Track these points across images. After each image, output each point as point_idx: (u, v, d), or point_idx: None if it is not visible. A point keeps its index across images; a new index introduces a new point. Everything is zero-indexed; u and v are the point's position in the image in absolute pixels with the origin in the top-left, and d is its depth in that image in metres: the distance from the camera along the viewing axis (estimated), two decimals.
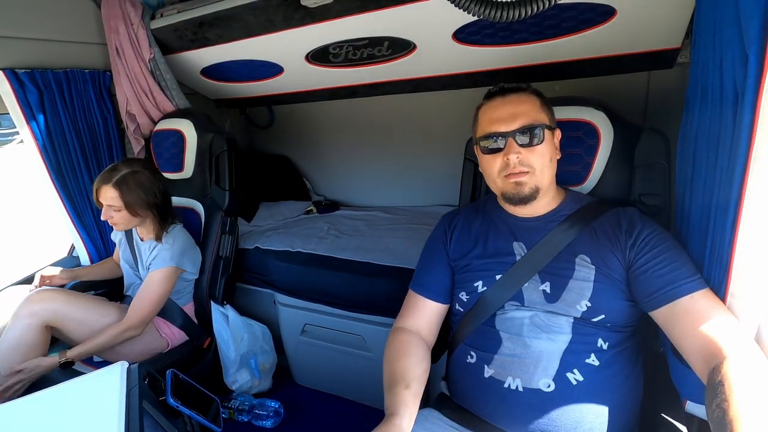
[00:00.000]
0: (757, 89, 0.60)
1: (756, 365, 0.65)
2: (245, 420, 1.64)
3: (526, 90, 0.93)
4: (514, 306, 0.90)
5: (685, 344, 0.74)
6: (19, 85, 1.40)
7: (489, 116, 0.92)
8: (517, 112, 0.88)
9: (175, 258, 1.41)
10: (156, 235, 1.43)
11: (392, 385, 0.85)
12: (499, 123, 0.89)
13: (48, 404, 0.76)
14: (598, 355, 0.83)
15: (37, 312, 1.26)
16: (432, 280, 1.02)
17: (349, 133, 2.39)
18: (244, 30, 1.47)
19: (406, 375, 0.87)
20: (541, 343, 0.84)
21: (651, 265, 0.81)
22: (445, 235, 1.06)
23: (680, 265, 0.79)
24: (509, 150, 0.87)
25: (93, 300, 1.38)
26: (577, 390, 0.81)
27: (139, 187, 1.34)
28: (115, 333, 1.32)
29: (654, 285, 0.79)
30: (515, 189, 0.90)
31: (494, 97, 0.93)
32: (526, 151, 0.87)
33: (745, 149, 0.64)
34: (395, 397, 0.82)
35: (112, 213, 1.34)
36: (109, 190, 1.32)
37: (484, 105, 0.95)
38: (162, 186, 1.42)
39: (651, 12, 1.14)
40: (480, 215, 1.04)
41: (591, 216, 0.91)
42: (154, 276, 1.39)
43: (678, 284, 0.77)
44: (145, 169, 1.38)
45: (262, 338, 1.72)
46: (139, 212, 1.36)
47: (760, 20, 0.59)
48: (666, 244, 0.83)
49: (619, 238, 0.86)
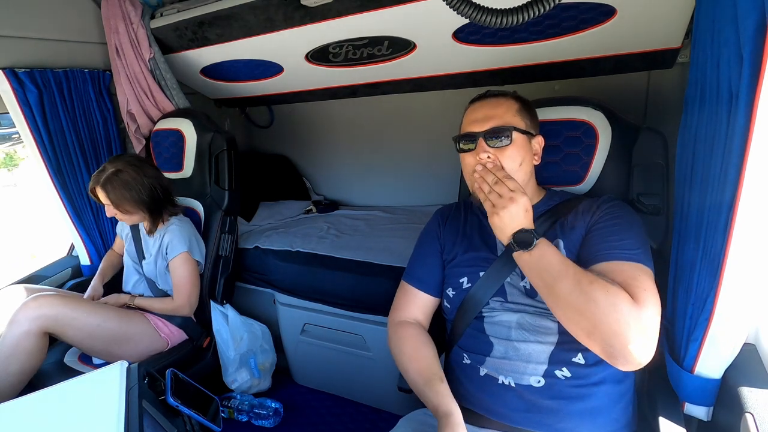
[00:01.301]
0: (752, 90, 0.60)
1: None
2: (245, 419, 1.64)
3: (507, 95, 0.97)
4: (499, 303, 0.92)
5: None
6: (18, 84, 1.40)
7: (467, 118, 0.97)
8: (491, 115, 0.93)
9: (184, 243, 1.46)
10: (148, 229, 1.47)
11: (427, 381, 0.88)
12: (474, 124, 0.93)
13: (48, 404, 0.76)
14: (584, 354, 0.85)
15: (35, 318, 1.22)
16: (425, 273, 1.05)
17: (349, 133, 2.39)
18: (244, 29, 1.47)
19: (435, 368, 0.91)
20: (530, 345, 0.87)
21: (593, 234, 0.86)
22: (439, 228, 1.08)
23: (619, 238, 0.82)
24: (479, 149, 0.91)
25: (92, 305, 1.35)
26: (566, 384, 0.84)
27: (124, 186, 1.36)
28: (167, 308, 1.46)
29: (587, 250, 0.84)
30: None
31: (475, 101, 0.99)
32: (496, 152, 0.90)
33: (739, 151, 0.64)
34: (439, 395, 0.85)
35: (112, 210, 1.39)
36: (98, 190, 1.37)
37: (467, 108, 1.00)
38: (151, 181, 1.42)
39: (651, 11, 1.14)
40: (469, 211, 1.08)
41: (564, 210, 0.95)
42: (175, 262, 1.45)
43: (613, 251, 0.80)
44: (129, 166, 1.38)
45: (261, 337, 1.72)
46: (129, 209, 1.39)
47: (756, 20, 0.59)
48: (620, 220, 0.86)
49: (585, 218, 0.90)
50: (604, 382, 0.84)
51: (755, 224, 0.65)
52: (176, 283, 1.46)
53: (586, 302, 0.72)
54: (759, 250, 0.67)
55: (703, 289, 0.77)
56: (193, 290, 1.49)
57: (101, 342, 1.32)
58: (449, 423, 0.79)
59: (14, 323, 1.22)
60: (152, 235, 1.49)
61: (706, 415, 0.83)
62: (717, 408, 0.82)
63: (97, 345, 1.32)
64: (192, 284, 1.48)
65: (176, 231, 1.46)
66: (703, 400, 0.82)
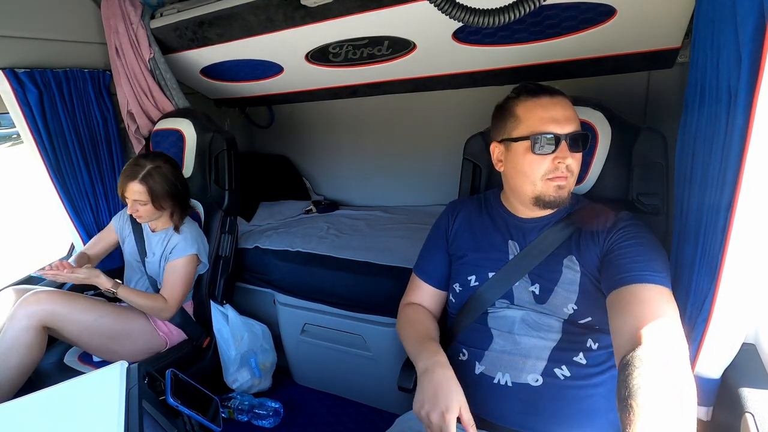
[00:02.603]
0: (750, 90, 0.60)
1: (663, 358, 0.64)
2: (245, 419, 1.64)
3: (564, 94, 0.91)
4: (505, 304, 0.92)
5: (617, 322, 0.73)
6: (18, 84, 1.39)
7: (540, 115, 0.86)
8: (569, 116, 0.86)
9: (194, 245, 1.46)
10: (175, 225, 1.47)
11: (420, 341, 0.91)
12: (554, 124, 0.85)
13: (48, 404, 0.76)
14: (586, 354, 0.84)
15: (34, 313, 1.25)
16: (431, 267, 1.06)
17: (348, 133, 2.39)
18: (244, 29, 1.47)
19: (432, 332, 0.95)
20: (531, 340, 0.86)
21: (619, 253, 0.82)
22: (448, 222, 1.08)
23: (647, 259, 0.79)
24: (564, 154, 0.84)
25: (90, 301, 1.37)
26: (564, 384, 0.83)
27: (164, 180, 1.39)
28: (150, 304, 1.39)
29: (614, 270, 0.80)
30: (557, 193, 0.88)
31: (540, 95, 0.88)
32: (570, 156, 0.86)
33: (738, 151, 0.64)
34: (430, 347, 0.88)
35: (138, 207, 1.38)
36: (136, 185, 1.35)
37: (528, 101, 0.88)
38: (183, 177, 1.48)
39: (651, 11, 1.14)
40: (482, 209, 1.05)
41: (583, 219, 0.92)
42: (177, 263, 1.43)
43: (636, 273, 0.76)
44: (166, 162, 1.43)
45: (261, 337, 1.72)
46: (163, 205, 1.41)
47: (755, 21, 0.59)
48: (640, 240, 0.83)
49: (600, 235, 0.87)
50: (604, 384, 0.83)
51: (753, 225, 0.65)
52: (173, 281, 1.43)
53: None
54: (757, 250, 0.67)
55: (701, 290, 0.77)
56: (185, 293, 1.47)
57: (99, 338, 1.33)
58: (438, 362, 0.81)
59: (14, 318, 1.24)
60: (158, 232, 1.50)
61: (705, 415, 0.83)
62: (716, 408, 0.82)
63: (94, 340, 1.33)
64: (187, 287, 1.47)
65: (185, 233, 1.47)
66: (702, 400, 0.82)
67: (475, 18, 0.75)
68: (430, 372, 0.80)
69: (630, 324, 0.70)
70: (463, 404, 0.75)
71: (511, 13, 0.73)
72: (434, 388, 0.77)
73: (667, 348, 0.65)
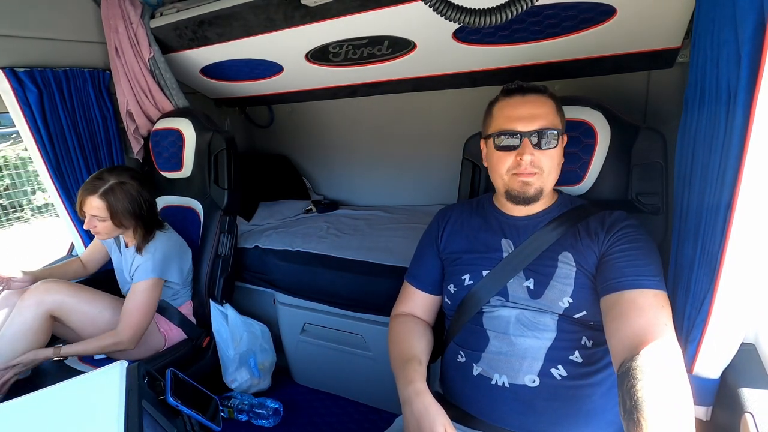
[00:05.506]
0: (750, 90, 0.60)
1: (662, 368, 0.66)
2: (245, 419, 1.64)
3: (545, 92, 0.93)
4: (500, 301, 0.92)
5: (612, 328, 0.76)
6: (18, 84, 1.40)
7: (507, 113, 0.91)
8: (537, 114, 0.88)
9: (157, 269, 1.37)
10: (138, 246, 1.40)
11: (405, 362, 0.90)
12: (518, 121, 0.89)
13: (47, 403, 0.76)
14: (581, 352, 0.85)
15: (43, 301, 1.29)
16: (422, 272, 1.07)
17: (348, 133, 2.39)
18: (244, 29, 1.47)
19: (416, 351, 0.93)
20: (527, 340, 0.87)
21: (616, 256, 0.84)
22: (438, 229, 1.08)
23: (644, 263, 0.81)
24: (524, 150, 0.88)
25: (97, 293, 1.39)
26: (561, 384, 0.83)
27: (127, 198, 1.32)
28: (107, 344, 1.30)
29: (612, 273, 0.82)
30: (522, 188, 0.91)
31: (513, 94, 0.92)
32: (538, 153, 0.88)
33: (737, 151, 0.64)
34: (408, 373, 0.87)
35: (96, 223, 1.32)
36: (95, 200, 1.30)
37: (502, 101, 0.94)
38: (149, 196, 1.40)
39: (651, 11, 1.14)
40: (474, 211, 1.07)
41: (577, 217, 0.94)
42: (137, 287, 1.36)
43: (633, 278, 0.79)
44: (132, 179, 1.35)
45: (261, 337, 1.72)
46: (123, 223, 1.35)
47: (754, 21, 0.59)
48: (638, 243, 0.85)
49: (599, 235, 0.89)
50: (600, 384, 0.84)
51: (753, 224, 0.65)
52: (129, 309, 1.33)
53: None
54: (756, 250, 0.67)
55: (701, 290, 0.77)
56: (143, 320, 1.34)
57: (102, 330, 1.34)
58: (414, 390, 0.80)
59: (23, 305, 1.28)
60: (130, 248, 1.44)
61: (705, 415, 0.83)
62: (716, 408, 0.82)
63: (97, 332, 1.34)
64: (144, 314, 1.34)
65: (150, 254, 1.38)
66: (701, 400, 0.82)
67: (469, 18, 0.76)
68: (410, 403, 0.81)
69: (627, 330, 0.73)
70: (447, 425, 0.76)
71: (505, 12, 0.74)
72: (416, 419, 0.78)
73: (665, 357, 0.68)
